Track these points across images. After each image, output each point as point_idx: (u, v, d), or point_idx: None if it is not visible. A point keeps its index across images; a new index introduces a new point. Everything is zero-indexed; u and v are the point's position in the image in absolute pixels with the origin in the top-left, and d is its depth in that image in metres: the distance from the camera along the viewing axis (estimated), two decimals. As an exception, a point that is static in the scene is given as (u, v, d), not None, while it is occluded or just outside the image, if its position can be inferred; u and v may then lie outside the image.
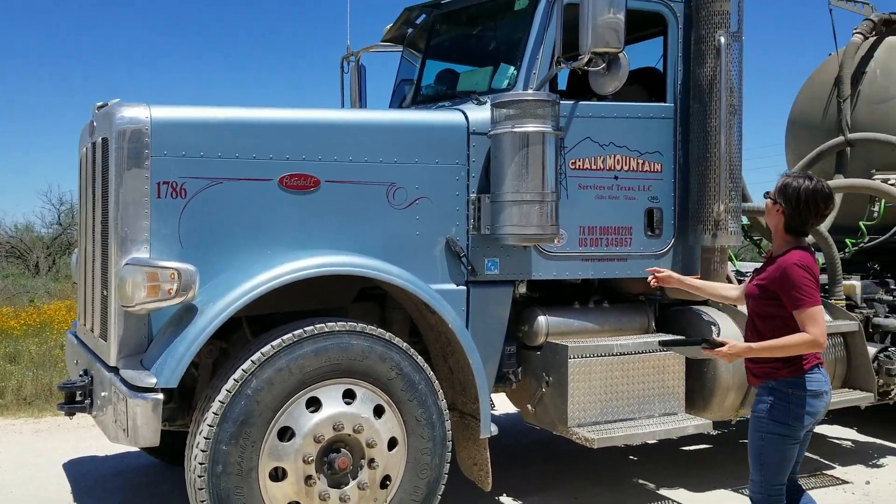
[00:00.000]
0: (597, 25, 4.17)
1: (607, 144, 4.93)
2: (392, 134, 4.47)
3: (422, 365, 4.09)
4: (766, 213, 3.45)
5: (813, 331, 3.17)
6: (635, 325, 5.20)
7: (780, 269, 3.25)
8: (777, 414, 3.28)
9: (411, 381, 4.02)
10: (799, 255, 3.28)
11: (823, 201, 3.35)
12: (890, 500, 5.20)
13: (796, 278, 3.21)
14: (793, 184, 3.34)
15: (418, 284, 4.14)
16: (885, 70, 7.24)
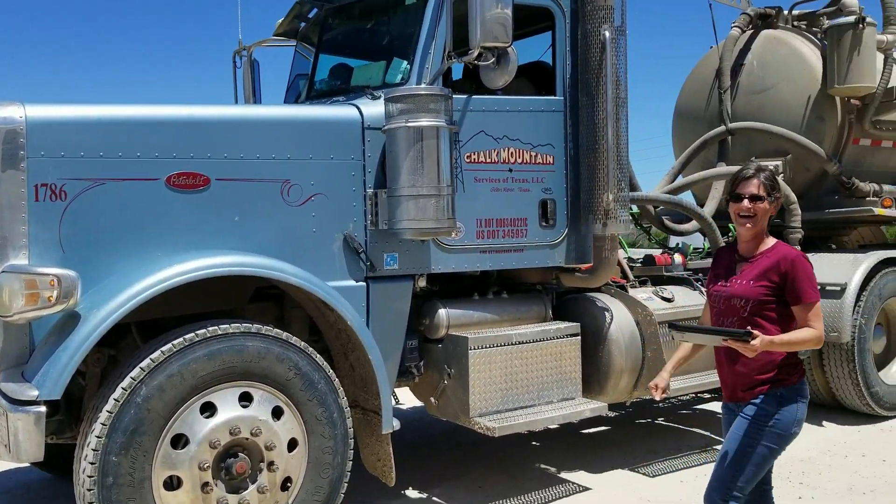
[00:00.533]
0: (485, 20, 4.22)
1: (501, 138, 5.00)
2: (285, 130, 4.39)
3: (321, 363, 4.06)
4: (761, 218, 3.18)
5: (819, 326, 3.08)
6: (533, 314, 5.32)
7: (787, 262, 3.09)
8: (783, 424, 3.12)
9: (310, 381, 3.98)
10: (792, 247, 3.23)
11: None
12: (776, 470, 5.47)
13: (808, 271, 3.10)
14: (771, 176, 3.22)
15: (314, 282, 4.10)
16: (761, 62, 7.64)
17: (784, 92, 7.42)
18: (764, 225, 3.21)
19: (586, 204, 5.14)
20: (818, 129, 7.22)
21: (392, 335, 4.64)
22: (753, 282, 3.12)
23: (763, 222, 3.20)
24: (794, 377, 3.17)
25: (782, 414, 3.12)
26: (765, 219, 3.20)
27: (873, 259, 6.79)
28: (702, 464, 5.71)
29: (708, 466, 5.60)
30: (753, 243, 3.22)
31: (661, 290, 5.83)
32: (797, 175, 7.38)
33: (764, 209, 3.18)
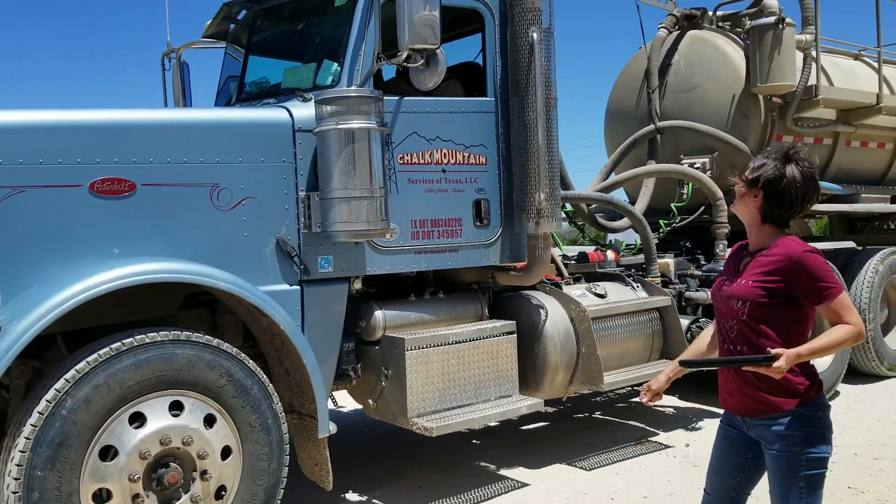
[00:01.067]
0: (413, 22, 4.23)
1: (434, 139, 5.03)
2: (213, 133, 4.33)
3: (254, 369, 4.02)
4: (738, 201, 2.90)
5: (854, 319, 2.70)
6: (469, 313, 5.36)
7: (790, 262, 2.72)
8: (816, 448, 2.75)
9: (243, 387, 3.93)
10: (801, 242, 2.80)
11: (813, 185, 2.83)
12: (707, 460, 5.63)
13: (817, 267, 2.71)
14: (773, 164, 2.81)
15: (245, 287, 4.06)
16: (687, 62, 7.85)
17: (710, 91, 7.64)
18: (752, 217, 2.87)
19: (519, 203, 5.20)
20: (743, 126, 7.46)
21: (328, 338, 4.62)
22: (753, 281, 2.79)
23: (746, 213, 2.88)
24: (811, 392, 2.79)
25: (812, 434, 2.75)
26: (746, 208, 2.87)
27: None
28: (636, 456, 5.84)
29: (643, 458, 5.76)
30: (757, 237, 2.89)
31: (594, 287, 5.94)
32: (724, 172, 7.56)
33: (741, 191, 2.88)
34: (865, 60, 8.80)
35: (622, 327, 5.82)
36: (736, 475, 3.01)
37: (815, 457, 2.75)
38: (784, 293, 2.73)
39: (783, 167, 2.79)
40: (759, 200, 2.83)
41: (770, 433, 2.79)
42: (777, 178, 2.79)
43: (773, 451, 2.79)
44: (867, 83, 8.24)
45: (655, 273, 6.56)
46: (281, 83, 5.21)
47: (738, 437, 2.97)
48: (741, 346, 2.81)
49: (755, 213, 2.85)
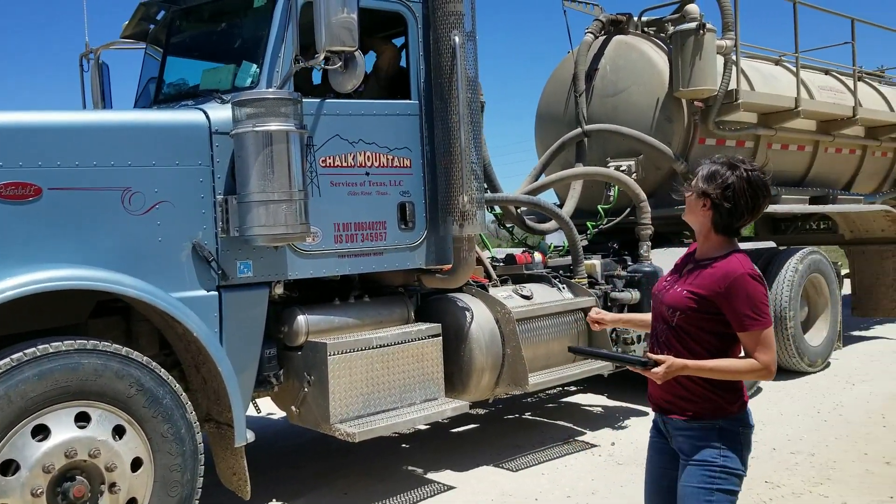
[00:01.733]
0: (331, 24, 4.19)
1: (357, 141, 4.99)
2: (124, 136, 4.21)
3: (165, 378, 3.92)
4: (688, 209, 2.81)
5: (764, 358, 2.62)
6: (395, 316, 5.33)
7: (727, 281, 2.63)
8: (732, 462, 2.69)
9: (154, 397, 3.83)
10: (746, 263, 2.68)
11: (763, 192, 2.72)
12: (632, 458, 5.76)
13: (751, 294, 2.62)
14: (721, 172, 2.70)
15: (156, 294, 3.96)
16: (613, 66, 7.99)
17: (635, 95, 7.79)
18: (701, 225, 2.77)
19: (444, 205, 5.20)
20: (667, 129, 7.63)
21: (247, 344, 4.54)
22: (687, 291, 2.72)
23: (696, 220, 2.78)
24: (735, 405, 2.72)
25: (728, 451, 2.68)
26: (696, 217, 2.77)
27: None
28: (563, 455, 5.89)
29: (569, 457, 5.82)
30: (704, 245, 2.79)
31: (520, 289, 5.98)
32: (649, 174, 7.76)
33: (689, 199, 2.78)
34: (786, 65, 9.10)
35: (548, 328, 5.87)
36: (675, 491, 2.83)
37: (724, 480, 2.67)
38: (714, 309, 2.66)
39: (731, 174, 2.69)
40: (707, 210, 2.72)
41: (688, 444, 2.74)
42: (724, 185, 2.68)
43: (688, 463, 2.73)
44: (787, 88, 8.51)
45: (582, 274, 6.63)
46: (199, 85, 5.11)
47: (668, 449, 2.87)
48: (666, 350, 2.75)
49: (704, 222, 2.75)
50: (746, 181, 2.67)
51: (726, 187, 2.67)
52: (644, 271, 6.72)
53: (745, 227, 2.82)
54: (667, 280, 2.91)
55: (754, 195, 2.68)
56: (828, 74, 9.67)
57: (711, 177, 2.71)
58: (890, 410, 6.81)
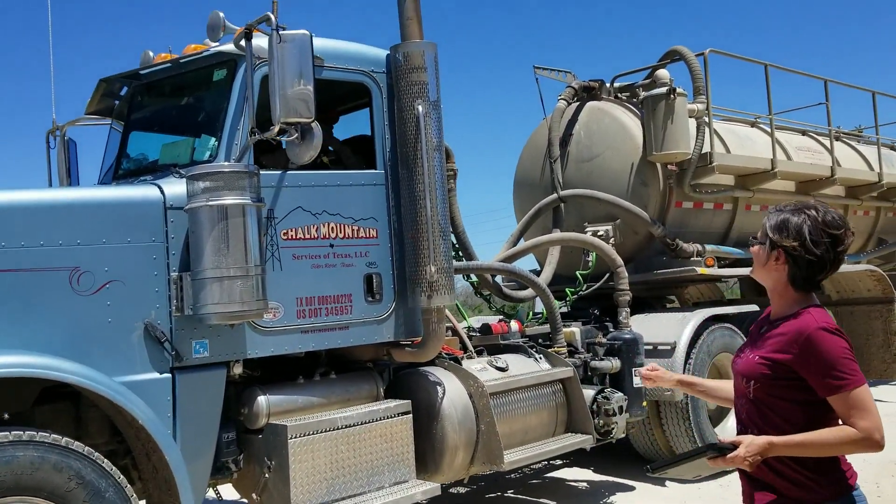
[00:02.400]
0: (286, 96, 4.11)
1: (320, 213, 4.86)
2: (72, 214, 4.07)
3: (109, 470, 3.69)
4: (756, 265, 2.53)
5: (864, 424, 2.24)
6: (364, 393, 5.11)
7: (800, 340, 2.33)
8: None
9: (96, 490, 3.59)
10: (821, 317, 2.37)
11: (843, 236, 2.41)
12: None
13: (829, 350, 2.29)
14: (793, 219, 2.41)
15: (96, 379, 3.75)
16: (587, 132, 7.97)
17: (609, 160, 7.74)
18: (775, 281, 2.48)
19: (412, 276, 5.05)
20: (642, 193, 7.55)
21: (203, 429, 4.31)
22: (760, 357, 2.43)
23: (767, 277, 2.50)
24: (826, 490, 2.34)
25: None
26: (767, 273, 2.49)
27: (700, 316, 7.06)
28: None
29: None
30: (779, 304, 2.50)
31: (495, 360, 5.78)
32: (627, 238, 7.65)
33: (757, 251, 2.51)
34: (762, 127, 9.10)
35: (523, 401, 5.65)
36: None
37: None
38: (792, 374, 2.34)
39: (804, 220, 2.39)
40: (781, 264, 2.43)
41: None
42: (798, 233, 2.38)
43: None
44: (763, 149, 8.49)
45: (561, 342, 6.45)
46: (159, 159, 5.00)
47: None
48: (752, 429, 2.42)
49: (778, 277, 2.46)
50: (823, 225, 2.38)
51: (800, 235, 2.38)
52: (624, 338, 6.55)
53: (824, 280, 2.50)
54: (740, 351, 2.63)
55: (833, 241, 2.39)
56: (805, 135, 9.69)
57: (782, 226, 2.42)
58: (884, 479, 6.55)
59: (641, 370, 2.98)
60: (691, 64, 7.67)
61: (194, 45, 4.93)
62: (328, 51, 4.95)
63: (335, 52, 5.01)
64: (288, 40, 4.14)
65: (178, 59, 4.89)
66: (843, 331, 2.37)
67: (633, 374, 6.46)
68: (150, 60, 5.17)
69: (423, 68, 5.01)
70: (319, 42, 4.93)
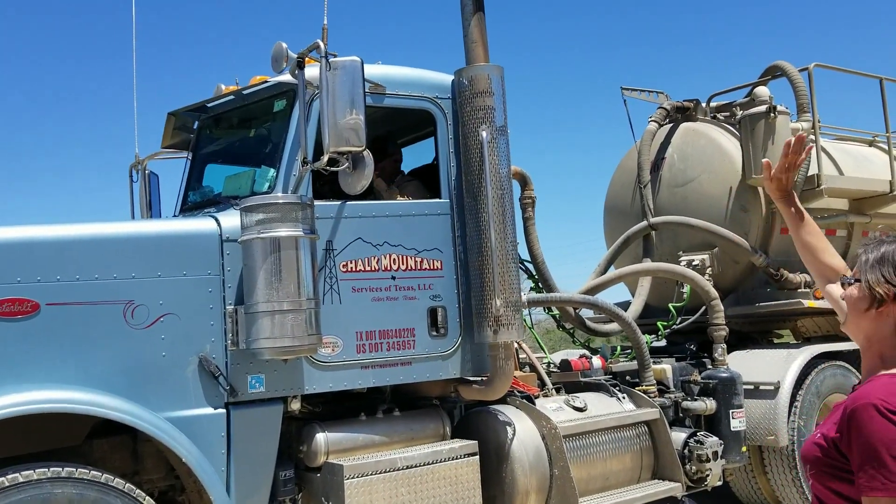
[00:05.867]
0: (336, 125, 4.02)
1: (381, 244, 4.71)
2: (127, 248, 4.08)
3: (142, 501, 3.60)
4: (852, 313, 2.02)
5: None
6: (429, 432, 4.87)
7: (847, 413, 1.86)
8: None
9: None
10: (887, 387, 1.86)
11: None
12: None
13: (873, 435, 1.78)
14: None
15: (139, 415, 3.71)
16: (681, 155, 7.50)
17: (706, 184, 7.24)
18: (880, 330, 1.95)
19: (478, 310, 4.81)
20: (742, 220, 7.01)
21: (259, 466, 4.20)
22: (821, 433, 1.97)
23: (872, 325, 1.96)
24: None
25: None
26: (871, 321, 1.96)
27: (807, 355, 6.42)
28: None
29: None
30: (866, 365, 2.02)
31: (573, 399, 5.41)
32: (727, 268, 7.11)
33: (852, 293, 1.99)
34: (880, 146, 8.33)
35: (603, 444, 5.24)
36: None
37: None
38: (843, 462, 1.86)
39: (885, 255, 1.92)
40: (889, 307, 1.91)
41: None
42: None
43: None
44: (882, 170, 7.75)
45: (650, 381, 5.99)
46: (222, 191, 5.01)
47: None
48: None
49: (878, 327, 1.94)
50: None
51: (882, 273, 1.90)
52: (719, 377, 6.02)
53: None
54: None
55: None
56: (930, 154, 8.80)
57: (883, 259, 1.92)
58: None
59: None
60: (794, 80, 7.10)
61: (259, 77, 4.93)
62: (390, 77, 4.83)
63: (398, 79, 4.88)
64: (338, 67, 4.04)
65: (241, 91, 4.90)
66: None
67: (731, 417, 5.92)
68: (220, 93, 5.22)
69: (489, 93, 4.81)
70: (381, 69, 4.86)
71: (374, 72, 4.70)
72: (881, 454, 1.76)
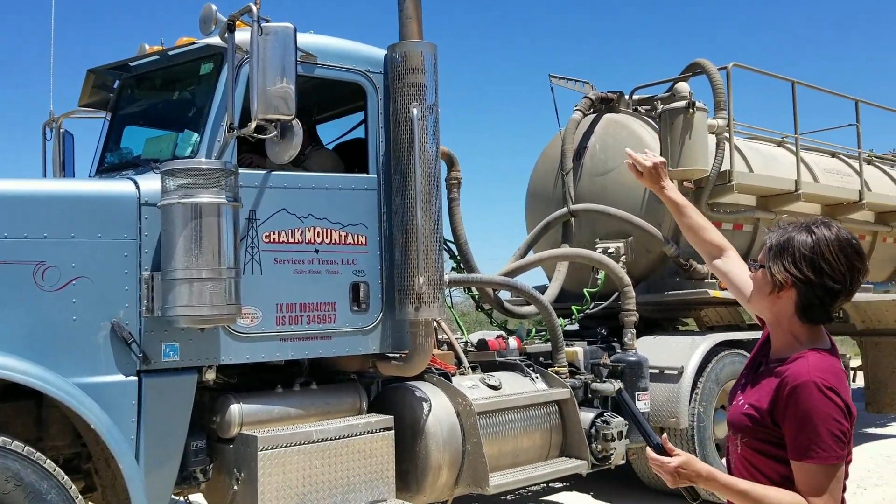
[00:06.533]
0: (266, 92, 3.94)
1: (306, 216, 4.67)
2: (39, 206, 3.92)
3: (51, 470, 3.51)
4: (756, 294, 2.16)
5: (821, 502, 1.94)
6: (345, 406, 4.89)
7: (786, 389, 2.00)
8: None
9: (36, 492, 3.42)
10: (819, 366, 2.01)
11: (859, 257, 2.07)
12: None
13: (813, 409, 1.95)
14: (802, 238, 2.06)
15: (48, 380, 3.59)
16: (603, 145, 7.69)
17: (625, 174, 7.41)
18: (778, 311, 2.11)
19: (400, 287, 4.83)
20: (657, 211, 7.22)
21: (169, 436, 4.12)
22: (749, 404, 2.10)
23: (770, 306, 2.12)
24: None
25: None
26: (772, 302, 2.10)
27: (710, 342, 6.72)
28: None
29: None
30: (780, 339, 2.14)
31: (488, 378, 5.52)
32: (640, 257, 7.35)
33: (758, 278, 2.13)
34: (788, 147, 8.75)
35: (515, 422, 5.38)
36: None
37: None
38: (777, 434, 2.02)
39: (814, 240, 2.03)
40: (786, 291, 2.06)
41: None
42: (809, 256, 2.02)
43: None
44: (788, 170, 8.14)
45: (562, 362, 6.16)
46: (141, 154, 4.85)
47: None
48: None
49: (780, 308, 2.09)
50: (838, 246, 2.03)
51: (813, 259, 2.02)
52: (628, 361, 6.24)
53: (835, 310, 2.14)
54: (735, 390, 2.25)
55: (850, 263, 2.03)
56: (834, 157, 9.31)
57: (785, 247, 2.06)
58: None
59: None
60: (713, 78, 7.36)
61: (186, 38, 4.79)
62: (322, 48, 4.77)
63: (330, 50, 4.82)
64: (270, 33, 3.97)
65: (166, 51, 4.75)
66: (841, 391, 1.97)
67: (636, 399, 6.15)
68: (144, 52, 5.04)
69: (422, 70, 4.81)
70: (313, 38, 4.79)
71: (307, 41, 4.63)
72: (818, 426, 1.94)
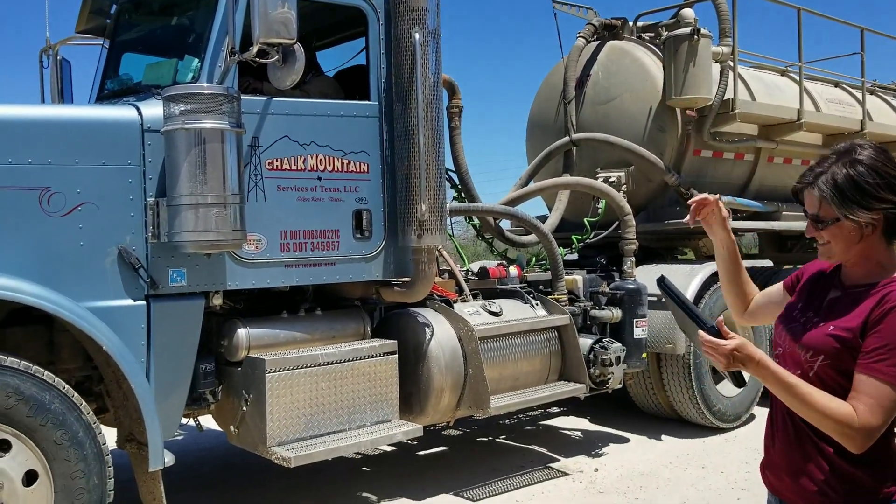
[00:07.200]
0: (267, 16, 3.89)
1: (308, 144, 4.67)
2: (43, 131, 3.92)
3: (51, 381, 3.60)
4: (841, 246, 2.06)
5: (866, 418, 1.90)
6: (349, 331, 4.98)
7: (884, 307, 1.96)
8: None
9: (39, 403, 3.51)
10: None
11: None
12: (613, 486, 5.39)
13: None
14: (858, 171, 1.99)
15: (60, 303, 3.65)
16: (606, 73, 7.61)
17: (627, 103, 7.40)
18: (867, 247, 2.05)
19: (402, 214, 4.87)
20: (659, 140, 7.23)
21: (179, 359, 4.22)
22: (837, 327, 2.03)
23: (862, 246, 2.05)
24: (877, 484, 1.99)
25: None
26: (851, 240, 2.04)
27: (708, 270, 6.79)
28: (539, 482, 5.50)
29: (547, 483, 5.43)
30: (861, 267, 2.08)
31: (489, 304, 5.61)
32: (640, 186, 7.37)
33: (837, 233, 2.04)
34: (791, 76, 8.66)
35: (515, 347, 5.49)
36: None
37: None
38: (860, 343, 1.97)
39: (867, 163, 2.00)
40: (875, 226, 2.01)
41: None
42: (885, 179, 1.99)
43: None
44: (791, 99, 8.08)
45: (562, 290, 6.24)
46: (142, 80, 4.82)
47: None
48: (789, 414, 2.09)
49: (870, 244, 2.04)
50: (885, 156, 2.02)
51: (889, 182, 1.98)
52: (626, 288, 6.32)
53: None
54: (796, 311, 2.19)
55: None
56: (838, 87, 9.22)
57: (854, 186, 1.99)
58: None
59: (693, 198, 2.38)
60: (718, 4, 7.23)
61: (183, -38, 4.70)
62: (322, -29, 4.68)
63: (330, -27, 4.74)
64: (271, -46, 3.89)
65: (164, -25, 4.66)
66: None
67: (634, 325, 6.26)
68: (141, -23, 4.95)
69: (423, -7, 4.73)
70: (313, -39, 4.70)
71: (307, -36, 4.55)
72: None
